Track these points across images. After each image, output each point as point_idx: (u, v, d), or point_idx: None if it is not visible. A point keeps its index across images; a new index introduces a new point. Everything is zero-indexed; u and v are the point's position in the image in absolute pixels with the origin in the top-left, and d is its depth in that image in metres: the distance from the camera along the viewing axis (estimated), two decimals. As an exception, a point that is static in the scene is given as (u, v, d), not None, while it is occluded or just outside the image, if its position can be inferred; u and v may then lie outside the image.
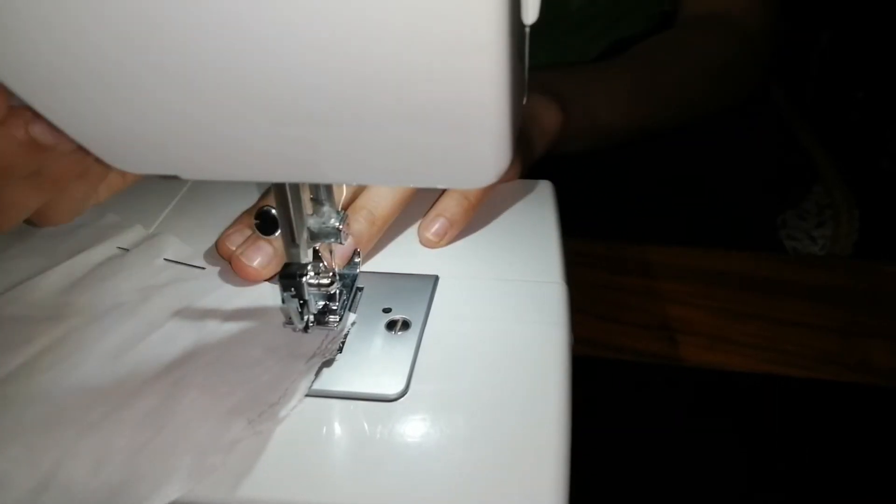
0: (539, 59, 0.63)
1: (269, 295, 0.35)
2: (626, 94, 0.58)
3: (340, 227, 0.30)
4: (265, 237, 0.35)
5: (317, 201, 0.30)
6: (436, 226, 0.39)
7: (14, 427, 0.28)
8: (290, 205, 0.30)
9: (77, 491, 0.26)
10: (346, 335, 0.32)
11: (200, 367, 0.30)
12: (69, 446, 0.27)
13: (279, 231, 0.30)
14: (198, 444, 0.27)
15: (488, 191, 0.41)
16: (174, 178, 0.31)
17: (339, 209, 0.31)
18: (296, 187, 0.29)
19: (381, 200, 0.37)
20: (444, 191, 0.40)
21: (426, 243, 0.39)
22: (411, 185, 0.37)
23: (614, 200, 0.59)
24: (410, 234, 0.39)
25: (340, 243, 0.31)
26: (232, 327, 0.33)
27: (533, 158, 0.48)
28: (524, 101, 0.26)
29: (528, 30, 0.23)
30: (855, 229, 0.67)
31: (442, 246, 0.39)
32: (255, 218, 0.31)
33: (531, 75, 0.53)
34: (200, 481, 0.26)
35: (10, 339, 0.32)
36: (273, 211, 0.30)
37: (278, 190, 0.29)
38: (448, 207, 0.39)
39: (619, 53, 0.62)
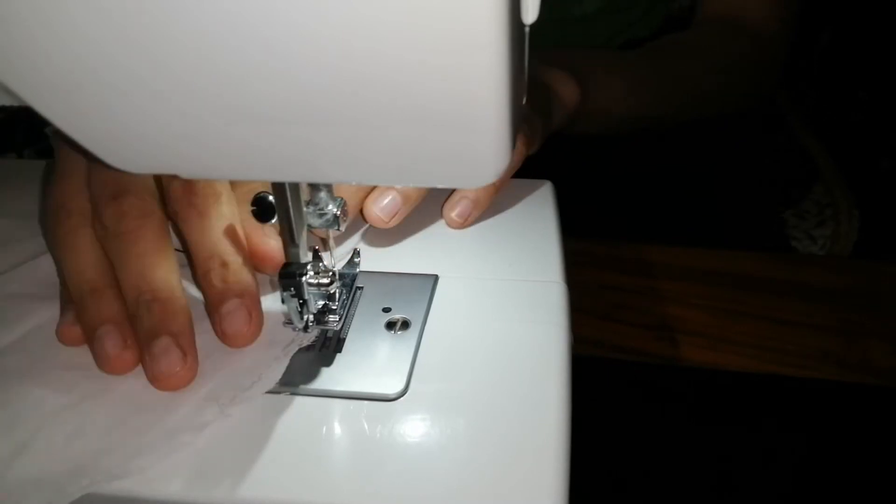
0: None
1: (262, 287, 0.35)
2: (642, 80, 0.58)
3: (338, 213, 0.30)
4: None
5: (314, 187, 0.30)
6: (460, 207, 0.39)
7: None
8: (290, 204, 0.30)
9: (51, 458, 0.27)
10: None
11: None
12: (48, 419, 0.28)
13: (276, 218, 0.30)
14: (171, 426, 0.28)
15: (510, 172, 0.41)
16: (174, 177, 0.31)
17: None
18: (295, 187, 0.29)
19: None
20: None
21: (451, 223, 0.39)
22: (411, 185, 0.37)
23: (614, 200, 0.59)
24: (410, 233, 0.39)
25: (339, 230, 0.31)
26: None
27: (550, 130, 0.48)
28: (524, 101, 0.26)
29: (527, 29, 0.23)
30: (855, 229, 0.67)
31: (466, 227, 0.39)
32: (252, 204, 0.31)
33: (550, 54, 0.53)
34: (170, 456, 0.27)
35: (6, 315, 0.33)
36: (270, 197, 0.30)
37: (277, 189, 0.29)
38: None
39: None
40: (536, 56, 0.51)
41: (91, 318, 0.30)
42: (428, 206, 0.41)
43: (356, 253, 0.35)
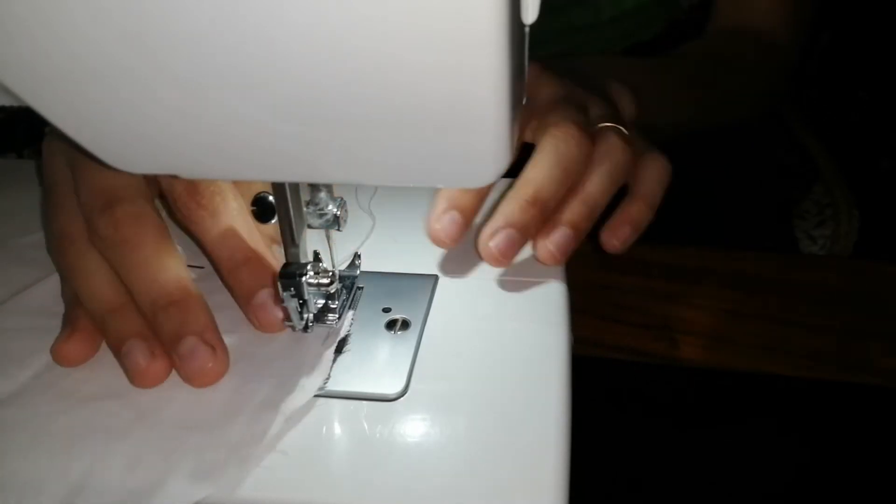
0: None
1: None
2: (677, 90, 0.58)
3: (338, 213, 0.30)
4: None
5: (314, 187, 0.30)
6: (497, 238, 0.33)
7: (40, 437, 0.28)
8: (290, 204, 0.30)
9: (112, 492, 0.26)
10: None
11: None
12: (100, 452, 0.27)
13: (276, 218, 0.30)
14: (232, 440, 0.27)
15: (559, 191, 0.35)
16: (174, 177, 0.31)
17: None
18: (295, 187, 0.29)
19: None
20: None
21: (490, 259, 0.33)
22: (411, 185, 0.37)
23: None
24: (410, 233, 0.39)
25: (338, 230, 0.31)
26: (243, 326, 0.32)
27: None
28: (524, 101, 0.26)
29: (527, 29, 0.23)
30: (855, 229, 0.67)
31: (505, 266, 0.34)
32: (252, 204, 0.31)
33: (598, 62, 0.51)
34: (241, 473, 0.26)
35: (16, 350, 0.32)
36: (270, 197, 0.30)
37: (277, 189, 0.29)
38: (511, 213, 0.33)
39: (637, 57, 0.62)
40: (589, 64, 0.50)
41: (115, 337, 0.30)
42: (428, 206, 0.41)
43: (357, 256, 0.35)
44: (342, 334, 0.32)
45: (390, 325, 0.33)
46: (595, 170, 0.35)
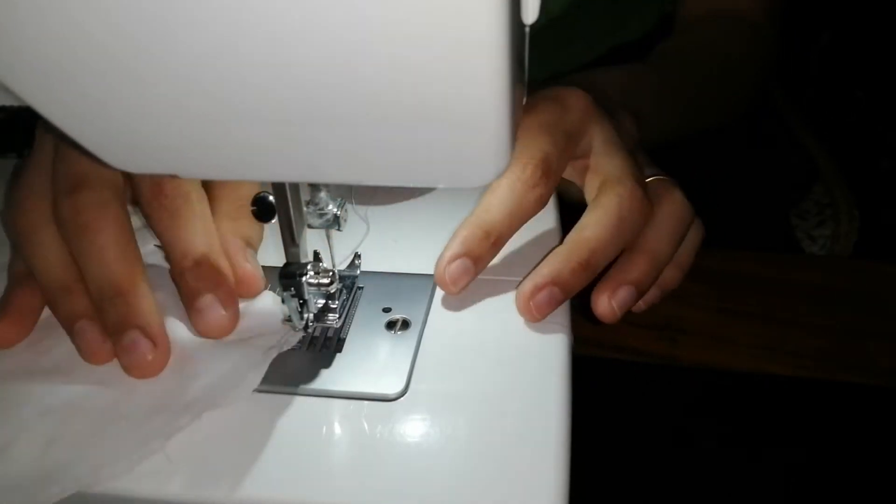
0: (533, 71, 0.62)
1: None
2: (672, 102, 0.57)
3: (339, 213, 0.30)
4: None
5: (314, 187, 0.30)
6: (540, 295, 0.32)
7: None
8: (290, 204, 0.30)
9: (24, 465, 0.26)
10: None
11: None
12: (25, 424, 0.28)
13: (276, 218, 0.30)
14: (144, 433, 0.28)
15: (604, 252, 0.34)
16: (174, 177, 0.32)
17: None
18: (295, 187, 0.29)
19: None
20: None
21: (526, 314, 0.33)
22: (410, 185, 0.37)
23: None
24: (409, 233, 0.39)
25: (339, 230, 0.31)
26: None
27: None
28: (524, 101, 0.26)
29: (528, 29, 0.23)
30: (855, 229, 0.67)
31: (538, 321, 0.33)
32: (252, 204, 0.31)
33: (600, 80, 0.50)
34: (139, 464, 0.27)
35: None
36: (270, 197, 0.30)
37: (277, 189, 0.29)
38: (560, 273, 0.32)
39: (620, 59, 0.61)
40: (587, 85, 0.49)
41: (66, 316, 0.31)
42: (427, 206, 0.41)
43: (357, 256, 0.35)
44: (290, 346, 0.32)
45: (390, 325, 0.33)
46: (662, 227, 0.35)
